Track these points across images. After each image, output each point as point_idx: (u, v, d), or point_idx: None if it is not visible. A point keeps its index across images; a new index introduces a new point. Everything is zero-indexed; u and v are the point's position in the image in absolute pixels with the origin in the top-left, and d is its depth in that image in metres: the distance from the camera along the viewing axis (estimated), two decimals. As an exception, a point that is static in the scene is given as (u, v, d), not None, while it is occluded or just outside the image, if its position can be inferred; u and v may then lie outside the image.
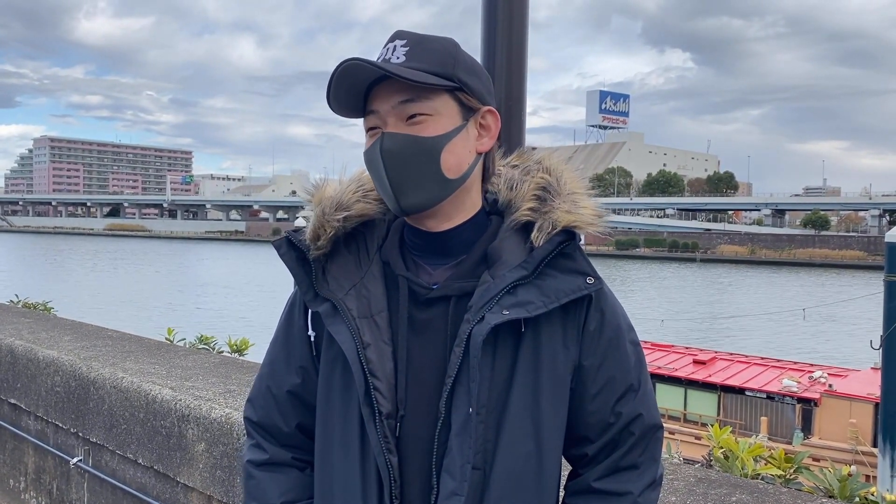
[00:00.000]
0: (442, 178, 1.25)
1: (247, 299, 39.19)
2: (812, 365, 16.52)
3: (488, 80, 1.35)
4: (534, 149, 1.45)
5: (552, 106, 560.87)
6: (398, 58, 1.24)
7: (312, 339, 1.38)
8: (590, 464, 1.35)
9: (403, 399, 1.27)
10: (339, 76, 1.22)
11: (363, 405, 1.26)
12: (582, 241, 1.33)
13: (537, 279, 1.26)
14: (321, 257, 1.34)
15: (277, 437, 1.45)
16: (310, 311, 1.37)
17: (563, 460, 1.38)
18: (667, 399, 15.45)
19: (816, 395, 13.68)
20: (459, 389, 1.23)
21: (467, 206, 1.32)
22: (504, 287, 1.24)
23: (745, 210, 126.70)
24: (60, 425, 3.76)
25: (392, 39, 1.27)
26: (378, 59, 1.25)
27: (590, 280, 1.27)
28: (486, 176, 1.36)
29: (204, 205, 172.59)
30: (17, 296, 8.06)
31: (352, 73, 1.22)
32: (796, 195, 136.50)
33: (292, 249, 1.36)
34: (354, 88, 1.25)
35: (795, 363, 16.82)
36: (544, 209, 1.30)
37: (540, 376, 1.26)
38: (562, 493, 1.39)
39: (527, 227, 1.30)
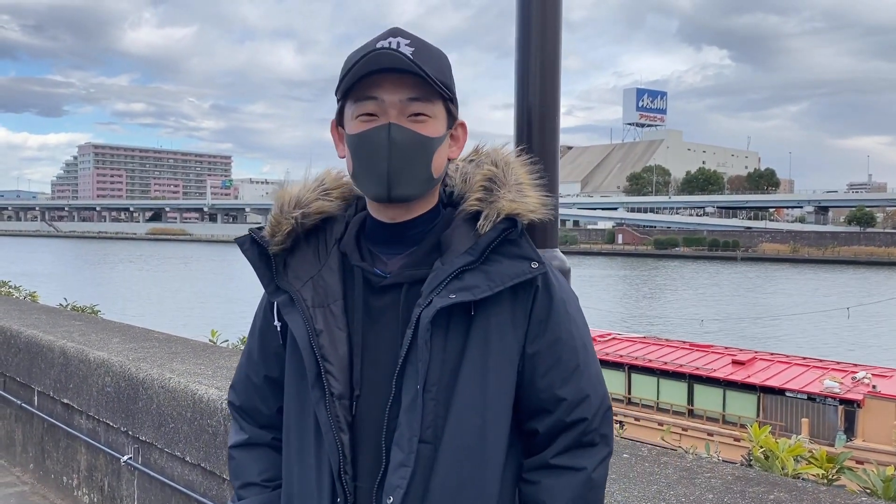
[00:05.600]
0: (430, 175, 1.36)
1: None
2: (856, 365, 16.14)
3: None
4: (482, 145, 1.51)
5: (587, 105, 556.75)
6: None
7: (279, 328, 1.48)
8: (545, 442, 1.40)
9: (359, 381, 1.36)
10: (368, 61, 1.28)
11: (312, 387, 1.35)
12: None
13: (484, 265, 1.34)
14: (282, 252, 1.44)
15: (257, 420, 1.57)
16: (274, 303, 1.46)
17: (515, 439, 1.43)
18: (705, 400, 15.26)
19: (859, 397, 13.39)
20: (409, 369, 1.31)
21: (429, 200, 1.42)
22: (452, 272, 1.32)
23: (787, 207, 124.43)
24: (111, 424, 3.89)
25: (393, 35, 1.33)
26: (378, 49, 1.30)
27: (534, 265, 1.35)
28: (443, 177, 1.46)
29: (243, 208, 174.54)
30: (65, 299, 8.28)
31: (376, 61, 1.29)
32: (830, 192, 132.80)
33: (255, 246, 1.46)
34: (362, 74, 1.31)
35: (838, 363, 16.44)
36: (491, 199, 1.39)
37: (489, 356, 1.34)
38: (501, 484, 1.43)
39: (476, 217, 1.39)
